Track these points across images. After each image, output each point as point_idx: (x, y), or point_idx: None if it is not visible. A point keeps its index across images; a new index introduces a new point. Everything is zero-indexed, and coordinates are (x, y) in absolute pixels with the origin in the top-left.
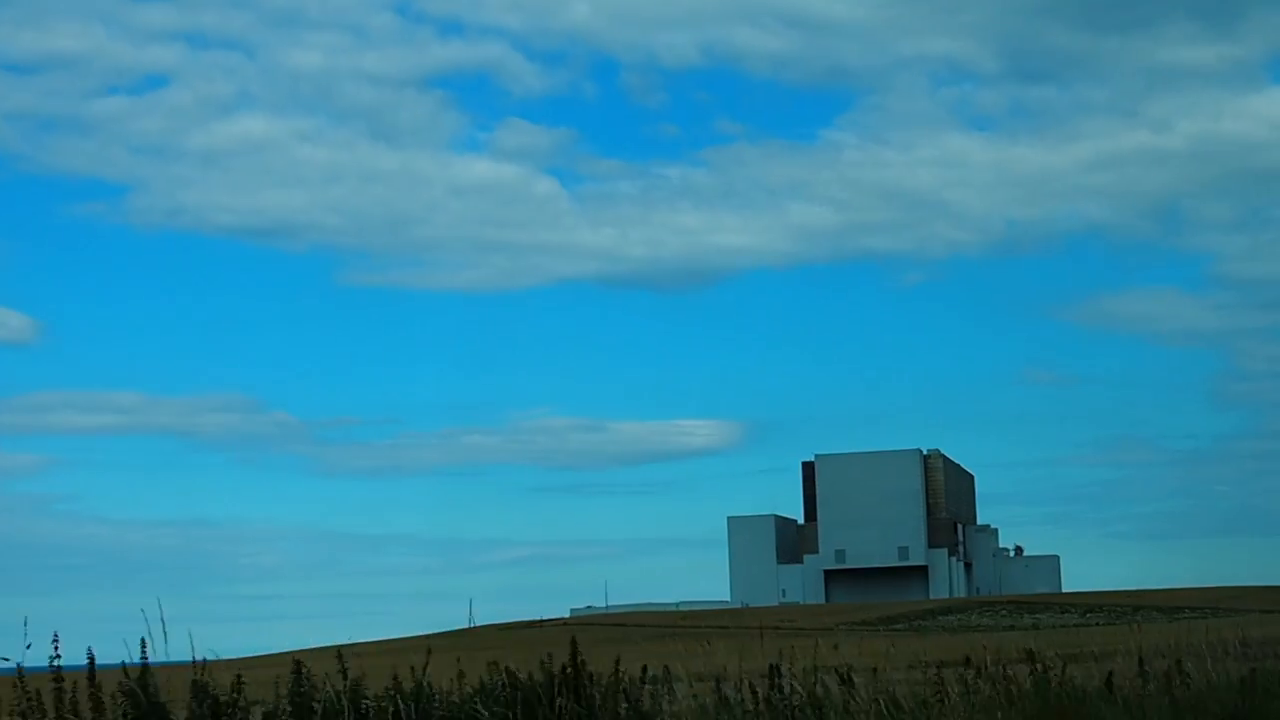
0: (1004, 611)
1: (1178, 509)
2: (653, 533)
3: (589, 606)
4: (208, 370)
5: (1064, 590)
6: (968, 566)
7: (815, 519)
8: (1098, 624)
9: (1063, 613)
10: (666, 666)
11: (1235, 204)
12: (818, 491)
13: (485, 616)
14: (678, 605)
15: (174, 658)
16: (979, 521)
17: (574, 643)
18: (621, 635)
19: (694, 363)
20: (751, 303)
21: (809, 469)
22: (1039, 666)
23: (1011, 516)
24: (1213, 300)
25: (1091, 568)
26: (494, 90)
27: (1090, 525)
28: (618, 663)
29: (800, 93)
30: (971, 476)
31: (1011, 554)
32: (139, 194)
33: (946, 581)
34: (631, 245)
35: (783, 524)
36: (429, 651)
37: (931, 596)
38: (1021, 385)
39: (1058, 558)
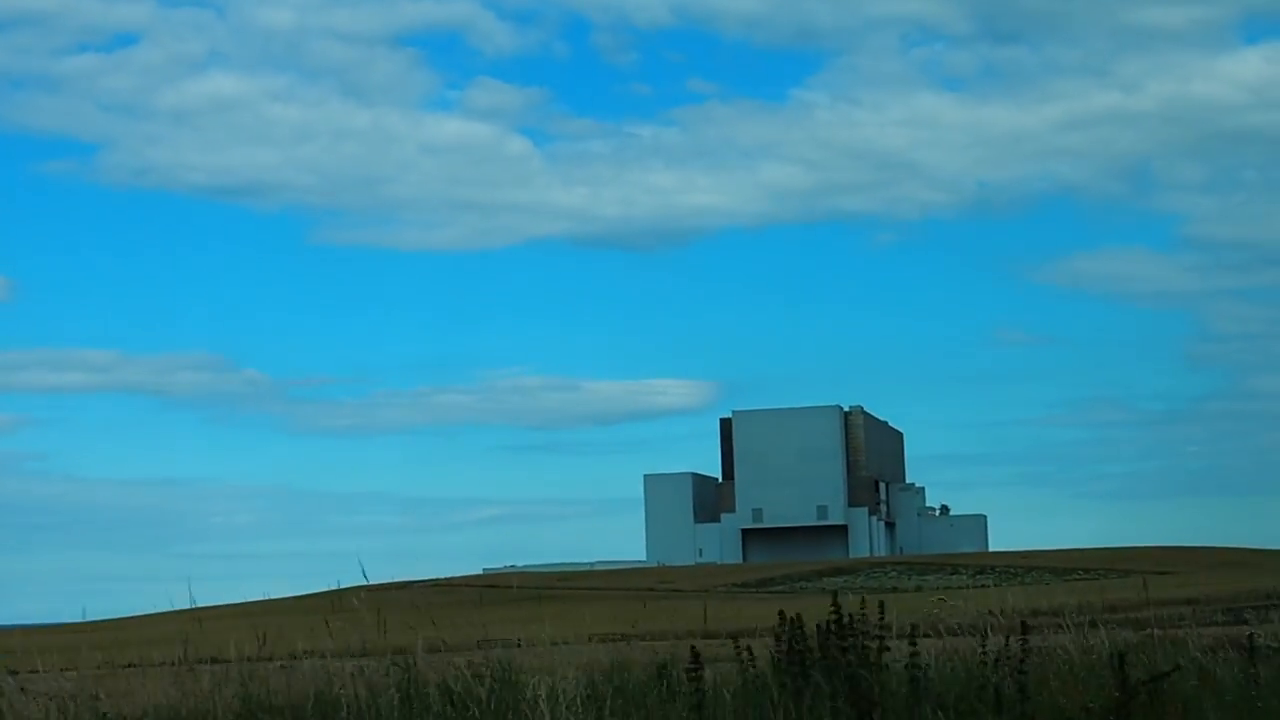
0: (893, 572)
1: (1148, 469)
2: (624, 492)
3: (511, 566)
4: (179, 328)
5: (991, 550)
6: (890, 526)
7: (733, 477)
8: (983, 586)
9: (952, 574)
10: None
11: (1206, 165)
12: (735, 449)
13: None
14: (593, 565)
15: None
16: (909, 480)
17: None
18: (478, 597)
19: (666, 322)
20: (723, 262)
21: (726, 425)
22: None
23: (980, 477)
24: (1184, 261)
25: (1062, 528)
26: (465, 49)
27: (1063, 485)
28: None
29: (771, 53)
30: (900, 434)
31: (937, 513)
32: (109, 152)
33: (866, 541)
34: (603, 205)
35: (700, 482)
36: None
37: (851, 556)
38: (993, 346)
39: (984, 517)
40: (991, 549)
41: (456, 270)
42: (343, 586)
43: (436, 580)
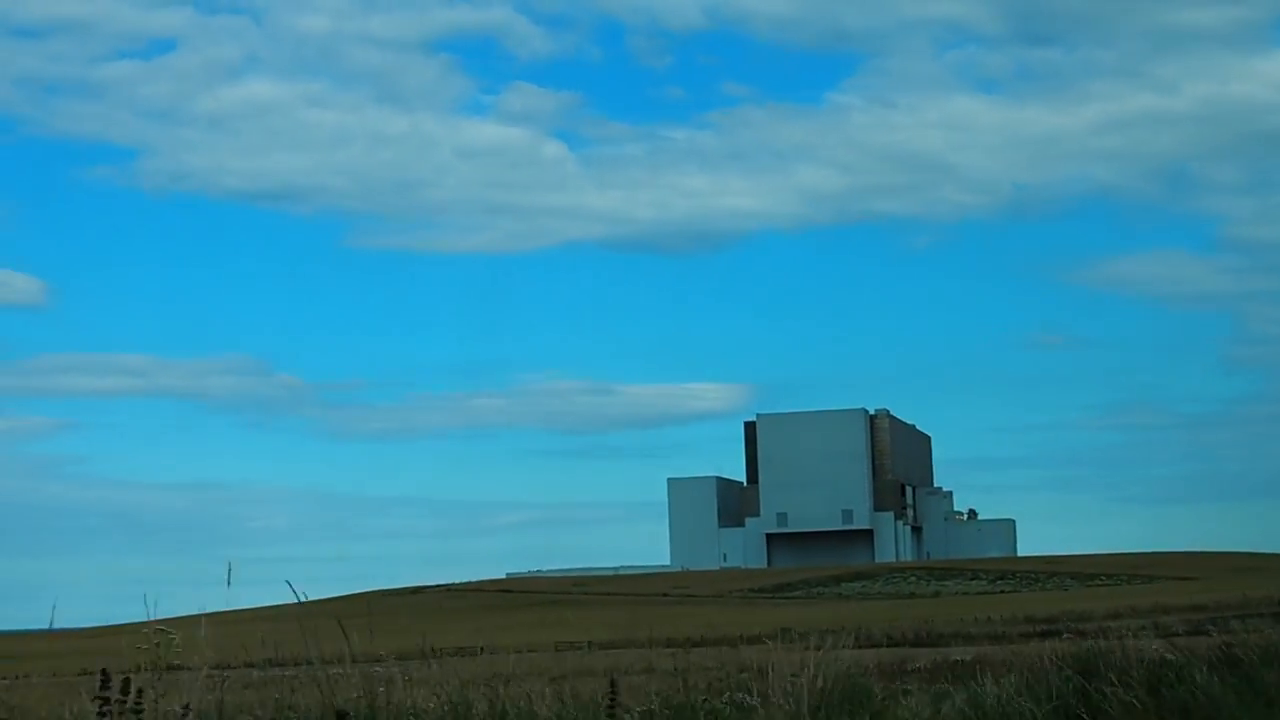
0: (913, 578)
1: (1186, 473)
2: (656, 496)
3: (537, 570)
4: (216, 333)
5: (1020, 555)
6: (916, 530)
7: (758, 481)
8: (1001, 591)
9: (972, 579)
10: None
11: (1243, 166)
12: (759, 452)
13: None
14: (616, 569)
15: None
16: (936, 484)
17: None
18: (493, 602)
19: (700, 326)
20: (758, 266)
21: (750, 429)
22: None
23: (1015, 481)
24: (1221, 263)
25: (1098, 533)
26: (500, 53)
27: (1099, 490)
28: None
29: (806, 55)
30: (928, 438)
31: (965, 518)
32: (147, 158)
33: (892, 545)
34: (638, 208)
35: (725, 486)
36: None
37: (877, 560)
38: (1029, 349)
39: (1013, 522)
40: (1020, 554)
41: (491, 274)
42: (356, 591)
43: (451, 585)
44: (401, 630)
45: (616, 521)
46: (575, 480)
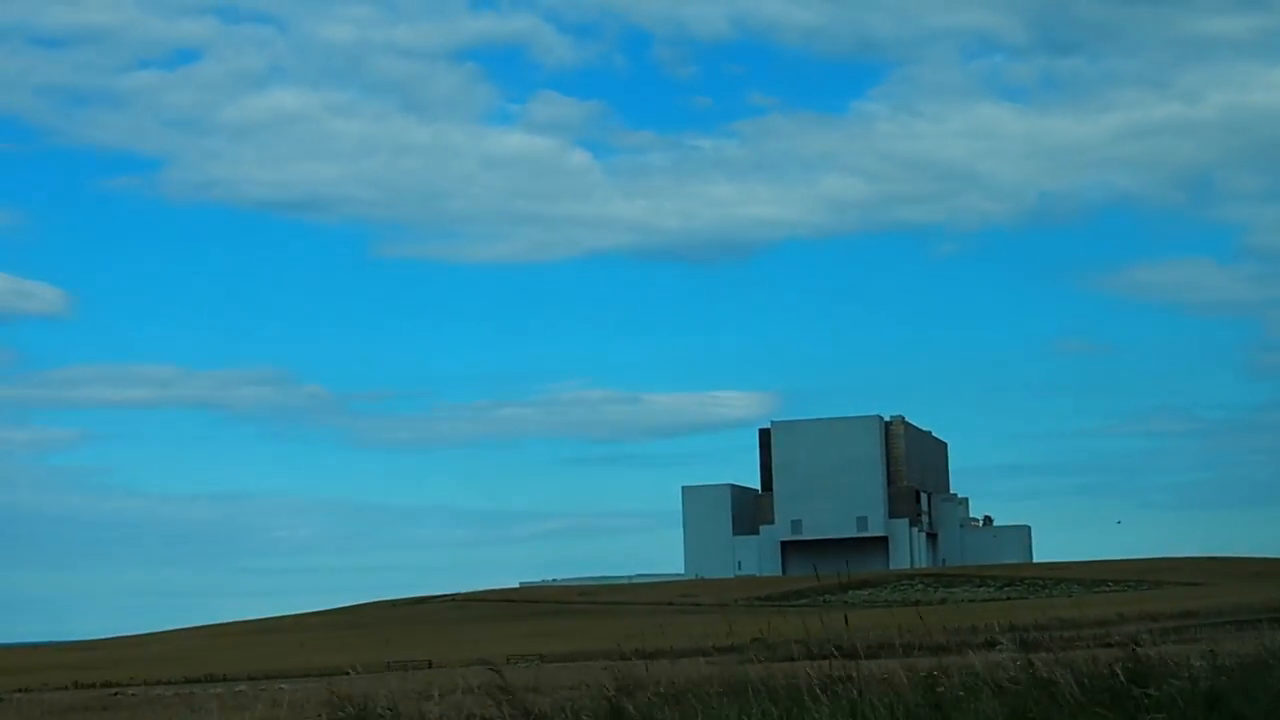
0: (920, 585)
1: (1209, 479)
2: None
3: (553, 579)
4: (240, 343)
5: (1035, 561)
6: (931, 537)
7: (772, 489)
8: (1008, 598)
9: (980, 586)
10: None
11: (1266, 175)
12: (774, 460)
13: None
14: (631, 578)
15: None
16: (953, 491)
17: None
18: (496, 613)
19: (727, 334)
20: (784, 274)
21: (765, 437)
22: None
23: (1039, 488)
24: (1244, 271)
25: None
26: (526, 62)
27: (1123, 495)
28: None
29: (831, 64)
30: (944, 445)
31: (980, 524)
32: (171, 167)
33: (907, 552)
34: (664, 217)
35: (739, 494)
36: None
37: (892, 567)
38: (1053, 356)
39: (1028, 528)
40: (1036, 560)
41: (517, 283)
42: (362, 602)
43: (456, 595)
44: (379, 643)
45: (641, 530)
46: (601, 489)
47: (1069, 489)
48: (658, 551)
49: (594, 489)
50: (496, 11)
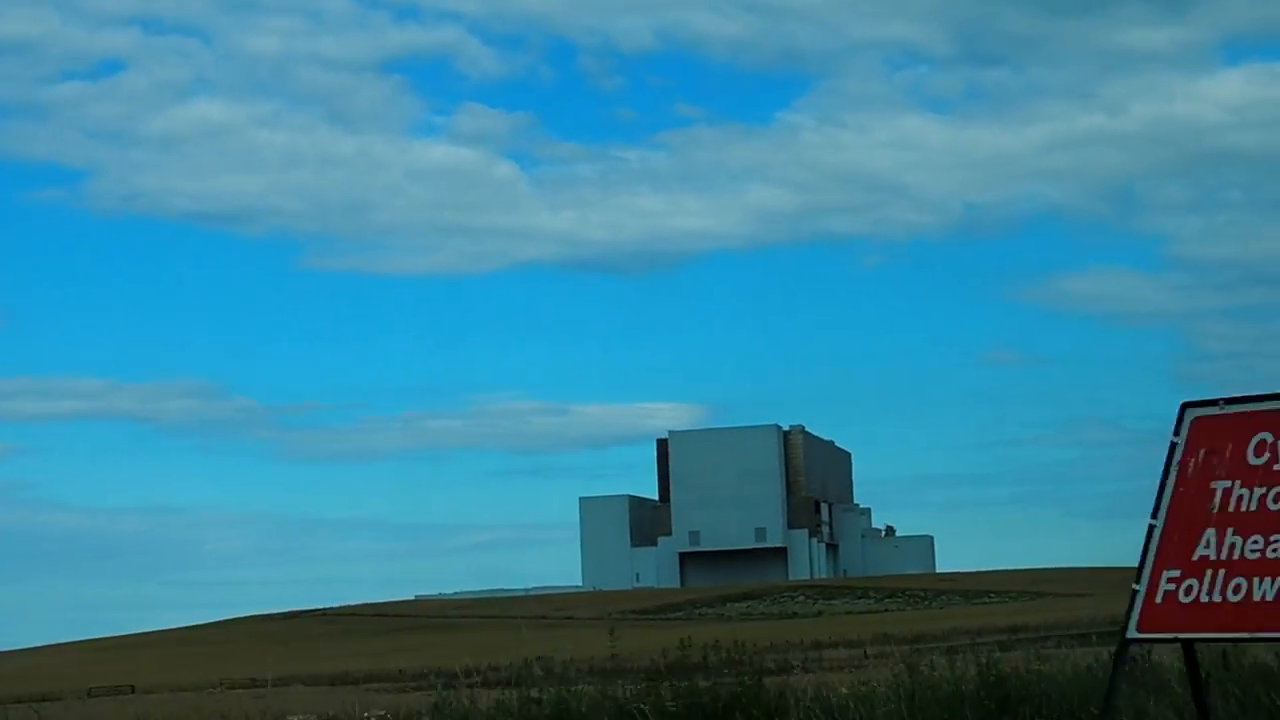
0: (800, 597)
1: (1135, 489)
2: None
3: (458, 593)
4: (168, 355)
5: (939, 571)
6: (832, 548)
7: (670, 499)
8: (885, 610)
9: (860, 598)
10: None
11: (1190, 186)
12: (671, 470)
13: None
14: (528, 591)
15: None
16: (857, 501)
17: None
18: (356, 628)
19: (656, 345)
20: (712, 285)
21: (662, 446)
22: None
23: (966, 499)
24: (1170, 281)
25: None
26: (451, 74)
27: (1049, 504)
28: None
29: (757, 76)
30: (848, 454)
31: (883, 534)
32: (96, 179)
33: (806, 563)
34: (591, 228)
35: (637, 505)
36: None
37: (791, 578)
38: (981, 366)
39: (931, 538)
40: (940, 570)
41: (445, 295)
42: (229, 617)
43: (325, 609)
44: (215, 658)
45: (570, 542)
46: (530, 500)
47: (998, 499)
48: (574, 564)
49: (523, 500)
50: (421, 23)
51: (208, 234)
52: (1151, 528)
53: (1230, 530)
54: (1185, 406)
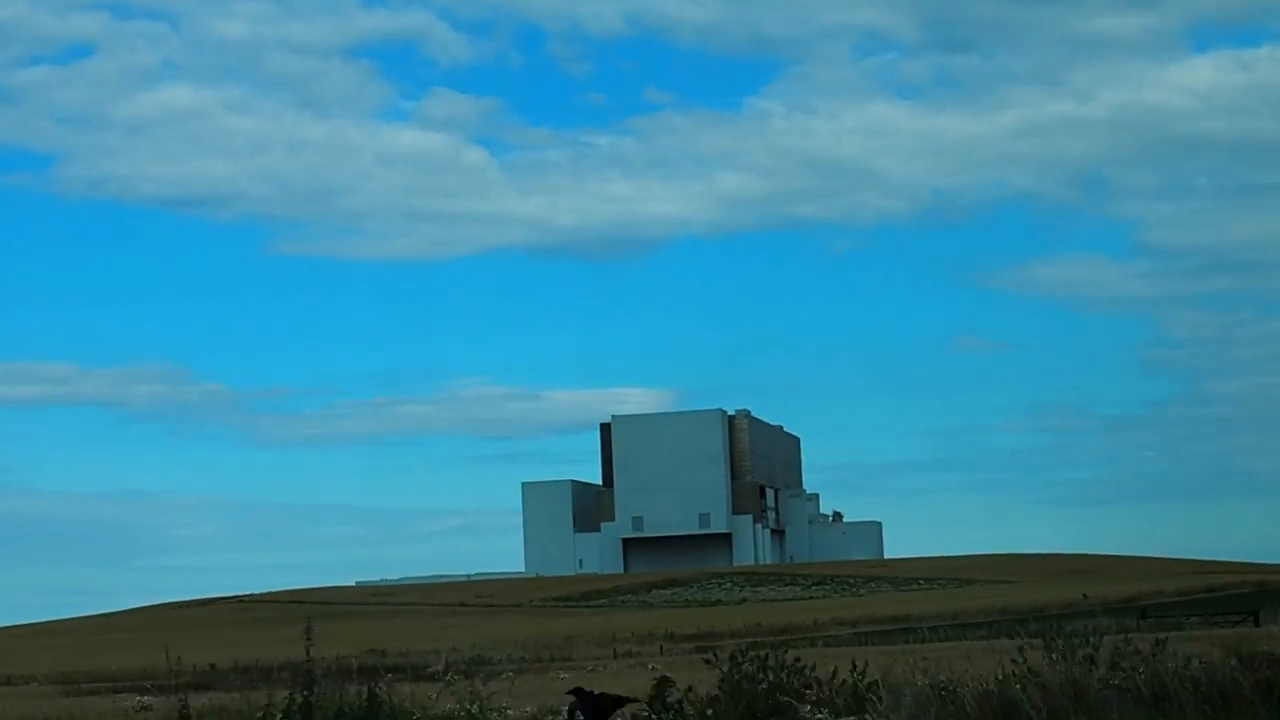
0: (728, 584)
1: (1104, 475)
2: None
3: (403, 578)
4: (137, 341)
5: (886, 558)
6: (778, 533)
7: (613, 485)
8: (812, 598)
9: (788, 584)
10: None
11: (1158, 172)
12: (614, 455)
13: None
14: (469, 577)
15: None
16: (804, 486)
17: None
18: (268, 615)
19: (625, 331)
20: (681, 271)
21: (606, 431)
22: None
23: (931, 484)
24: (1138, 268)
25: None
26: (421, 59)
27: (1019, 491)
28: None
29: (727, 62)
30: (796, 439)
31: (830, 520)
32: (65, 164)
33: (750, 549)
34: (561, 214)
35: (580, 490)
36: None
37: (735, 564)
38: (949, 352)
39: (879, 524)
40: (887, 556)
41: (415, 280)
42: (154, 603)
43: (243, 596)
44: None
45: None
46: (499, 485)
47: (960, 485)
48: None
49: (488, 486)
50: (390, 9)
51: (176, 219)
52: None
53: None
54: None
